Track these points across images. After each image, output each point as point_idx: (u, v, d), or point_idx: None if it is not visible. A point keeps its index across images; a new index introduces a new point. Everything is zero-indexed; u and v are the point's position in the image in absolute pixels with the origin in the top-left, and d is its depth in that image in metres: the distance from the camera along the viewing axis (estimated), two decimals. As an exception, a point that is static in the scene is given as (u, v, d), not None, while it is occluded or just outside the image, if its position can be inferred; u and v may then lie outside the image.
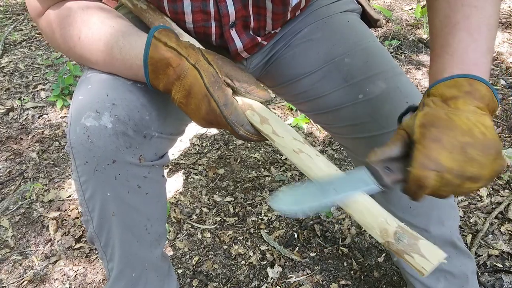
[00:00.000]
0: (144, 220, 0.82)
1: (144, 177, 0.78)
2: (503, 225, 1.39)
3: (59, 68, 2.38)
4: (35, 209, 1.50)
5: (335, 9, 0.95)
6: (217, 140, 1.85)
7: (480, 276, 1.22)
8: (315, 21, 0.95)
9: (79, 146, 0.72)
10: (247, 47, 0.87)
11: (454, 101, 0.57)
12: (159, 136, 0.77)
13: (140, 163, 0.76)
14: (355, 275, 1.26)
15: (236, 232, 1.40)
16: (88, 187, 0.76)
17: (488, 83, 0.58)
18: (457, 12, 0.64)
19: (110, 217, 0.79)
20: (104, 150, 0.71)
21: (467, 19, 0.63)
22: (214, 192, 1.57)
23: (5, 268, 1.30)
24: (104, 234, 0.82)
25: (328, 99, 0.89)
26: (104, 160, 0.72)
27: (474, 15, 0.63)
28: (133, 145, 0.73)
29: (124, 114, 0.71)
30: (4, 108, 2.05)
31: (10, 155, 1.76)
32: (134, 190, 0.77)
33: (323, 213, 1.43)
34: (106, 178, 0.74)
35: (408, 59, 2.43)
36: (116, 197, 0.76)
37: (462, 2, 0.64)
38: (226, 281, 1.25)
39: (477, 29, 0.63)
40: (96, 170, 0.73)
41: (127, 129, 0.72)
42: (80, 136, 0.71)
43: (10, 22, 2.95)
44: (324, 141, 1.83)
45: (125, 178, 0.75)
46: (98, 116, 0.70)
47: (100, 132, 0.70)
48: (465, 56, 0.62)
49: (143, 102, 0.74)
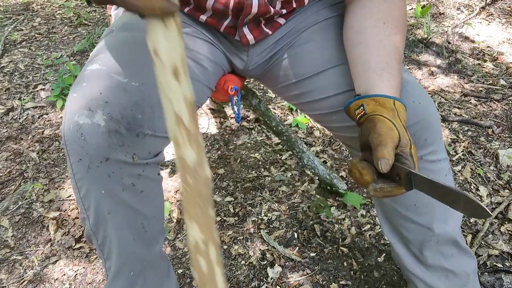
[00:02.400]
0: (140, 218, 0.82)
1: (139, 175, 0.78)
2: (503, 225, 1.39)
3: (59, 68, 2.38)
4: (35, 209, 1.50)
5: (339, 9, 0.95)
6: (217, 140, 1.85)
7: (480, 276, 1.22)
8: (318, 21, 0.95)
9: (73, 143, 0.72)
10: (260, 10, 0.86)
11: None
12: (152, 134, 0.77)
13: (134, 161, 0.76)
14: (355, 275, 1.25)
15: (236, 232, 1.40)
16: (82, 184, 0.77)
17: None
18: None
19: (105, 215, 0.79)
20: (97, 148, 0.71)
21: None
22: (214, 192, 1.57)
23: (5, 268, 1.30)
24: (101, 232, 0.82)
25: (331, 101, 0.89)
26: (97, 158, 0.72)
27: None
28: (125, 143, 0.73)
29: (117, 113, 0.72)
30: (4, 108, 2.05)
31: (10, 155, 1.76)
32: (128, 188, 0.77)
33: (323, 213, 1.43)
34: (99, 176, 0.74)
35: (408, 59, 2.43)
36: (110, 195, 0.76)
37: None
38: (226, 281, 1.25)
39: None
40: (90, 167, 0.73)
41: (120, 127, 0.72)
42: (73, 134, 0.72)
43: (10, 22, 2.95)
44: (324, 141, 1.83)
45: (119, 176, 0.75)
46: (91, 114, 0.71)
47: (92, 130, 0.71)
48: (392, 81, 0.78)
49: (136, 100, 0.74)
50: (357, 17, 0.84)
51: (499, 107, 1.99)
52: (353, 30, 0.84)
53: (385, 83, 0.75)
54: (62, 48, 2.62)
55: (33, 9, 3.18)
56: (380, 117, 0.70)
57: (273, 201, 1.51)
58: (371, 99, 0.73)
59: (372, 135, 0.68)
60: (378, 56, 0.78)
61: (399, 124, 0.70)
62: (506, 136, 1.80)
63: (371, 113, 0.72)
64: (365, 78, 0.78)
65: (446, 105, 2.02)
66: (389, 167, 0.64)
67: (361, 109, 0.74)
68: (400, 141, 0.68)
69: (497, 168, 1.63)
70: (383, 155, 0.65)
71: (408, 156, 0.67)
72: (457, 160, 1.68)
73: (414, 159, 0.67)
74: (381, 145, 0.66)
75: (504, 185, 1.55)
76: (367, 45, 0.80)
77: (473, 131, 1.84)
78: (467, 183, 1.57)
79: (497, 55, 2.40)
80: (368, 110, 0.73)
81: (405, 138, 0.68)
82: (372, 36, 0.80)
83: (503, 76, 2.23)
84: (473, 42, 2.54)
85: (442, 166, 0.88)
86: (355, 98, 0.76)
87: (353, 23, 0.84)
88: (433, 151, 0.85)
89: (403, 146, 0.68)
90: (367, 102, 0.74)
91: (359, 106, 0.75)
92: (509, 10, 2.88)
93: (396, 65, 0.78)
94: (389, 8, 0.82)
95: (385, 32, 0.80)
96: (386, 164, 0.64)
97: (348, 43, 0.85)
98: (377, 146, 0.66)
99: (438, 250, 0.94)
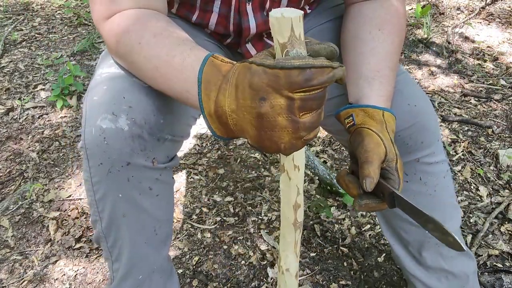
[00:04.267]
0: (154, 221, 0.83)
1: (156, 179, 0.78)
2: (503, 225, 1.39)
3: (59, 68, 2.38)
4: (35, 209, 1.50)
5: (339, 11, 0.95)
6: (217, 140, 1.85)
7: (480, 276, 1.22)
8: (321, 23, 0.95)
9: (94, 147, 0.72)
10: (259, 29, 0.88)
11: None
12: (171, 139, 0.78)
13: (153, 165, 0.76)
14: (355, 275, 1.26)
15: (236, 232, 1.40)
16: (100, 187, 0.77)
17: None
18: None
19: (120, 218, 0.79)
20: (120, 152, 0.71)
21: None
22: (214, 192, 1.57)
23: (5, 268, 1.30)
24: (112, 234, 0.82)
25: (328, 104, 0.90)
26: (119, 162, 0.72)
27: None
28: (147, 148, 0.74)
29: (141, 118, 0.71)
30: (4, 108, 2.05)
31: (10, 155, 1.76)
32: (145, 192, 0.78)
33: (323, 213, 1.43)
34: (119, 180, 0.74)
35: (408, 59, 2.43)
36: (127, 198, 0.77)
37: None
38: (226, 281, 1.25)
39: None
40: (110, 171, 0.73)
41: (143, 132, 0.72)
42: (95, 138, 0.71)
43: (10, 22, 2.95)
44: (324, 141, 1.83)
45: (137, 180, 0.75)
46: (115, 118, 0.70)
47: (116, 135, 0.70)
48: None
49: (158, 105, 0.74)
50: (354, 21, 0.84)
51: (499, 107, 1.99)
52: (350, 35, 0.84)
53: (375, 92, 0.76)
54: (62, 48, 2.62)
55: (33, 9, 3.18)
56: (368, 131, 0.71)
57: (273, 201, 1.52)
58: (361, 110, 0.74)
59: (360, 150, 0.70)
60: (370, 64, 0.79)
61: (387, 139, 0.71)
62: (506, 136, 1.80)
63: (360, 125, 0.73)
64: (356, 86, 0.79)
65: (446, 105, 2.02)
66: (373, 186, 0.66)
67: (350, 119, 0.75)
68: (386, 156, 0.69)
69: (497, 168, 1.63)
70: (368, 174, 0.66)
71: (394, 171, 0.69)
72: (457, 160, 1.68)
73: (400, 174, 0.69)
74: (367, 162, 0.67)
75: (504, 185, 1.55)
76: (361, 52, 0.80)
77: (473, 131, 1.84)
78: (467, 183, 1.57)
79: (497, 55, 2.40)
80: (357, 121, 0.74)
81: (391, 153, 0.70)
82: (366, 43, 0.80)
83: (503, 76, 2.23)
84: (473, 42, 2.54)
85: (440, 168, 0.88)
86: (345, 107, 0.77)
87: (350, 27, 0.85)
88: (430, 153, 0.85)
89: (389, 161, 0.69)
90: (357, 112, 0.74)
91: (348, 115, 0.76)
92: (509, 10, 2.88)
93: (388, 72, 0.78)
94: (385, 13, 0.82)
95: (380, 39, 0.80)
96: (370, 183, 0.66)
97: (343, 48, 0.86)
98: (364, 164, 0.67)
99: (437, 252, 0.94)
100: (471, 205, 1.48)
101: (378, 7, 0.83)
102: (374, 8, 0.83)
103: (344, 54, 0.85)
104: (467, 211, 1.45)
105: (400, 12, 0.83)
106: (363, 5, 0.84)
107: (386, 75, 0.78)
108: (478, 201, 1.49)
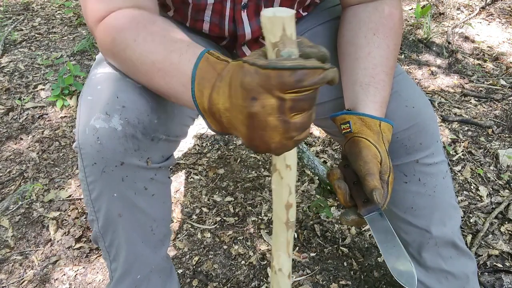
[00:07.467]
0: (150, 221, 0.83)
1: (151, 179, 0.78)
2: (503, 225, 1.39)
3: (59, 68, 2.38)
4: (35, 209, 1.50)
5: (337, 12, 0.95)
6: (217, 140, 1.85)
7: (480, 276, 1.22)
8: (315, 25, 0.95)
9: (88, 147, 0.72)
10: (255, 35, 0.89)
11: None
12: (166, 139, 0.78)
13: (148, 165, 0.76)
14: (355, 275, 1.26)
15: (236, 232, 1.40)
16: (95, 187, 0.77)
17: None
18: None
19: (116, 217, 0.79)
20: (113, 152, 0.71)
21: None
22: (214, 192, 1.57)
23: (5, 268, 1.30)
24: (109, 234, 0.82)
25: (326, 106, 0.90)
26: (113, 162, 0.72)
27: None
28: (141, 147, 0.74)
29: (134, 117, 0.71)
30: (4, 108, 2.05)
31: (10, 155, 1.76)
32: (140, 191, 0.78)
33: (323, 213, 1.43)
34: (113, 180, 0.74)
35: (408, 59, 2.43)
36: (122, 198, 0.77)
37: None
38: (226, 281, 1.25)
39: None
40: (104, 171, 0.73)
41: (136, 132, 0.72)
42: (89, 138, 0.71)
43: (10, 22, 2.95)
44: (324, 141, 1.83)
45: (132, 179, 0.75)
46: (108, 118, 0.70)
47: (109, 134, 0.70)
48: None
49: (152, 105, 0.74)
50: (349, 26, 0.84)
51: (499, 107, 1.99)
52: (345, 39, 0.84)
53: (370, 98, 0.77)
54: (62, 48, 2.62)
55: (33, 9, 3.18)
56: (366, 142, 0.72)
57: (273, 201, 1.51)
58: (358, 118, 0.75)
59: (359, 162, 0.70)
60: (365, 69, 0.79)
61: (383, 150, 0.72)
62: (506, 136, 1.80)
63: (357, 133, 0.74)
64: (352, 91, 0.79)
65: (446, 105, 2.02)
66: (383, 197, 0.68)
67: (347, 126, 0.75)
68: (381, 168, 0.71)
69: (497, 168, 1.63)
70: (375, 186, 0.67)
71: (385, 184, 0.70)
72: (457, 160, 1.68)
73: (389, 188, 0.71)
74: (369, 175, 0.68)
75: (504, 185, 1.55)
76: (356, 57, 0.81)
77: (473, 131, 1.84)
78: (467, 183, 1.57)
79: (497, 55, 2.40)
80: (354, 130, 0.74)
81: (385, 165, 0.71)
82: (361, 48, 0.80)
83: (503, 76, 2.23)
84: (473, 42, 2.54)
85: (439, 169, 0.88)
86: (342, 112, 0.77)
87: (345, 32, 0.85)
88: (429, 154, 0.85)
89: (383, 173, 0.71)
90: (354, 120, 0.75)
91: (345, 121, 0.76)
92: (509, 10, 2.88)
93: (384, 77, 0.79)
94: (380, 17, 0.82)
95: (375, 43, 0.80)
96: (380, 194, 0.67)
97: (339, 53, 0.86)
98: (366, 176, 0.68)
99: (436, 252, 0.94)
100: (471, 205, 1.48)
101: (373, 10, 0.83)
102: (369, 11, 0.83)
103: (341, 59, 0.85)
104: (467, 211, 1.45)
105: (396, 15, 0.83)
106: (359, 8, 0.84)
107: (382, 80, 0.78)
108: (478, 201, 1.49)
